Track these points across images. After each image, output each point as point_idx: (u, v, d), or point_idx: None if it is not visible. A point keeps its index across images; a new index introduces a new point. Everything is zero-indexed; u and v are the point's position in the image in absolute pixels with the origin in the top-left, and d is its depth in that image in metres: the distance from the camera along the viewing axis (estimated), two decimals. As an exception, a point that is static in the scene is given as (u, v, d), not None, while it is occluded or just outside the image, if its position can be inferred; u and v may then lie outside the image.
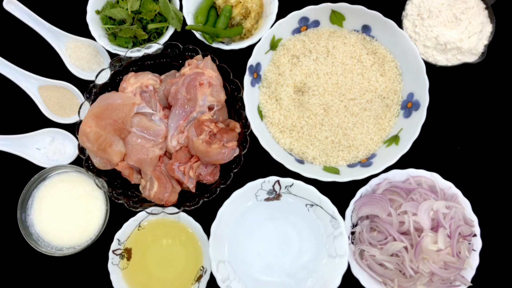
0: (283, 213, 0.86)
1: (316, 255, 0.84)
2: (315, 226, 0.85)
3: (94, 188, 0.89)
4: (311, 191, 0.82)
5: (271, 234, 0.85)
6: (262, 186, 0.83)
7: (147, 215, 0.86)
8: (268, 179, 0.82)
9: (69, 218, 0.88)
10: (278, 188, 0.84)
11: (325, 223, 0.83)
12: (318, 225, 0.84)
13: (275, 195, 0.85)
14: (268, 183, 0.83)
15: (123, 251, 0.86)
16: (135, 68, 0.88)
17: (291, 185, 0.83)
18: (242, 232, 0.84)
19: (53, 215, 0.89)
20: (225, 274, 0.81)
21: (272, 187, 0.84)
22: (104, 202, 0.88)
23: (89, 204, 0.89)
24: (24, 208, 0.88)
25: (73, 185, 0.90)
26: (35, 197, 0.90)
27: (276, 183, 0.83)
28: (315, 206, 0.84)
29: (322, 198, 0.82)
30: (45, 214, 0.89)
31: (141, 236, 0.88)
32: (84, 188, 0.89)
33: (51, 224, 0.88)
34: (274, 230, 0.85)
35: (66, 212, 0.89)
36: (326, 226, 0.83)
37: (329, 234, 0.83)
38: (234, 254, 0.83)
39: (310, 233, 0.84)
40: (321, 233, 0.84)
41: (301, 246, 0.84)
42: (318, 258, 0.83)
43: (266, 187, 0.84)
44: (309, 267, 0.83)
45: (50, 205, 0.89)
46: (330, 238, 0.83)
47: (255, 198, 0.85)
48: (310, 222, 0.85)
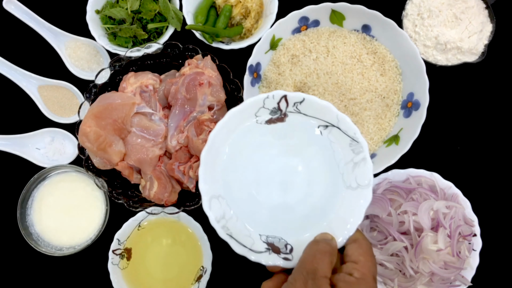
0: (289, 138, 0.68)
1: (330, 188, 0.66)
2: (329, 153, 0.67)
3: (94, 188, 0.89)
4: (326, 108, 0.65)
5: (274, 164, 0.68)
6: (264, 103, 0.66)
7: (147, 215, 0.86)
8: (272, 94, 0.65)
9: (69, 218, 0.88)
10: (285, 106, 0.67)
11: (343, 148, 0.66)
12: (333, 151, 0.67)
13: (279, 115, 0.67)
14: (272, 100, 0.66)
15: (123, 251, 0.86)
16: (135, 67, 0.88)
17: (302, 101, 0.66)
18: (239, 162, 0.67)
19: (53, 215, 0.89)
20: (219, 212, 0.64)
21: (277, 105, 0.66)
22: (104, 202, 0.88)
23: (89, 204, 0.89)
24: (23, 208, 0.88)
25: (73, 185, 0.90)
26: (34, 197, 0.90)
27: (282, 99, 0.66)
28: (330, 127, 0.67)
29: (340, 116, 0.65)
30: (45, 214, 0.89)
31: (141, 236, 0.88)
32: (84, 188, 0.89)
33: (51, 224, 0.88)
34: (277, 160, 0.68)
35: (66, 212, 0.89)
36: (344, 152, 0.66)
37: (347, 161, 0.66)
38: (229, 188, 0.66)
39: (322, 161, 0.67)
40: (337, 161, 0.66)
41: (310, 178, 0.67)
42: (334, 191, 0.66)
43: (270, 105, 0.66)
44: (322, 202, 0.66)
45: (50, 205, 0.89)
46: (349, 166, 0.66)
47: (255, 120, 0.67)
48: (323, 147, 0.67)
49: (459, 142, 0.94)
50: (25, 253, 0.90)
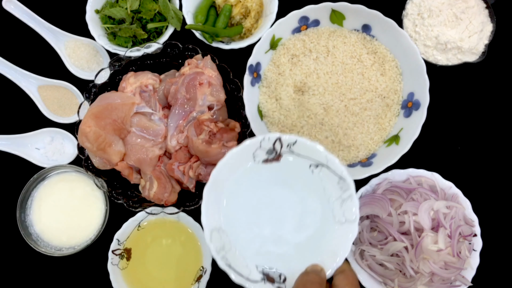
0: (284, 176, 0.74)
1: (321, 222, 0.73)
2: (320, 190, 0.73)
3: (93, 188, 0.89)
4: (316, 149, 0.71)
5: (270, 200, 0.74)
6: (261, 145, 0.72)
7: (147, 215, 0.86)
8: (268, 136, 0.71)
9: (69, 218, 0.88)
10: (279, 147, 0.72)
11: (332, 185, 0.72)
12: (323, 188, 0.73)
13: (275, 155, 0.73)
14: (268, 141, 0.71)
15: (123, 251, 0.86)
16: (134, 67, 0.88)
17: (294, 143, 0.71)
18: (238, 198, 0.73)
19: (52, 215, 0.89)
20: (219, 243, 0.69)
21: (272, 146, 0.72)
22: (104, 202, 0.88)
23: (89, 204, 0.89)
24: (23, 208, 0.88)
25: (73, 185, 0.90)
26: (34, 197, 0.89)
27: (277, 141, 0.72)
28: (320, 166, 0.72)
29: (329, 157, 0.71)
30: (45, 214, 0.89)
31: (141, 236, 0.88)
32: (84, 188, 0.89)
33: (50, 224, 0.88)
34: (274, 195, 0.74)
35: (66, 212, 0.88)
36: (333, 189, 0.72)
37: (336, 198, 0.72)
38: (229, 221, 0.72)
39: (314, 197, 0.74)
40: (328, 197, 0.73)
41: (303, 213, 0.73)
42: (325, 225, 0.72)
43: (266, 146, 0.72)
44: (314, 235, 0.72)
45: (49, 205, 0.89)
46: (337, 202, 0.72)
47: (252, 159, 0.73)
48: (314, 185, 0.74)
49: (459, 142, 0.94)
50: (25, 253, 0.90)
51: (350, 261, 0.81)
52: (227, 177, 0.73)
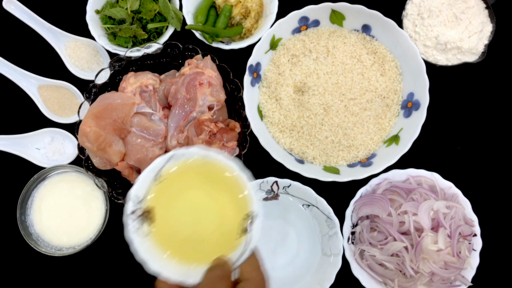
0: (281, 212, 0.87)
1: (311, 253, 0.86)
2: (311, 225, 0.87)
3: (94, 188, 0.89)
4: (307, 192, 0.84)
5: (269, 232, 0.86)
6: (260, 186, 0.85)
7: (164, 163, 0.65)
8: (266, 180, 0.83)
9: (69, 218, 0.88)
10: (276, 189, 0.86)
11: (321, 223, 0.85)
12: (314, 224, 0.87)
13: (273, 195, 0.87)
14: (266, 184, 0.84)
15: (143, 213, 0.64)
16: (134, 67, 0.88)
17: (289, 186, 0.84)
18: None
19: (52, 215, 0.89)
20: None
21: (270, 188, 0.85)
22: (104, 202, 0.88)
23: (89, 204, 0.89)
24: (23, 208, 0.88)
25: (73, 185, 0.90)
26: (34, 197, 0.90)
27: (274, 184, 0.85)
28: (311, 206, 0.86)
29: (318, 199, 0.83)
30: (45, 214, 0.89)
31: (163, 190, 0.66)
32: (84, 188, 0.89)
33: (50, 224, 0.88)
34: (272, 229, 0.87)
35: (66, 212, 0.88)
36: (322, 226, 0.85)
37: (324, 234, 0.85)
38: None
39: (306, 231, 0.87)
40: (317, 232, 0.86)
41: (298, 244, 0.86)
42: (314, 256, 0.86)
43: (265, 187, 0.85)
44: (305, 265, 0.85)
45: (49, 205, 0.89)
46: (325, 237, 0.85)
47: None
48: (306, 221, 0.87)
49: (459, 142, 0.94)
50: (25, 253, 0.90)
51: (350, 261, 0.82)
52: None
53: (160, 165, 0.65)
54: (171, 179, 0.67)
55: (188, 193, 0.68)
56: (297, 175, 0.82)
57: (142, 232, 0.63)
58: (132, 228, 0.62)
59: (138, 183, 0.64)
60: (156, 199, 0.66)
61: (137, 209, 0.64)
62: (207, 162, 0.65)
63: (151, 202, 0.65)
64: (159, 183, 0.66)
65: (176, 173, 0.67)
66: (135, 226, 0.63)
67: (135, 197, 0.64)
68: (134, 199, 0.64)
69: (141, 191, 0.64)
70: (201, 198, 0.68)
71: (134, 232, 0.62)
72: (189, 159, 0.66)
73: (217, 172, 0.65)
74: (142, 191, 0.65)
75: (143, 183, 0.65)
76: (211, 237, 0.66)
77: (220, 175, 0.65)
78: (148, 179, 0.65)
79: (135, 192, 0.63)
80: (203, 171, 0.67)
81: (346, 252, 0.82)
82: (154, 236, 0.64)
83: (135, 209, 0.64)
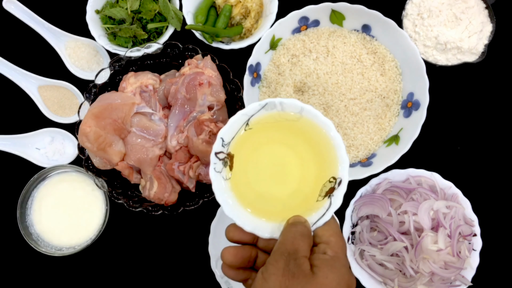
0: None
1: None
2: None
3: (94, 188, 0.89)
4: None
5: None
6: None
7: (259, 109, 0.62)
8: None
9: (69, 218, 0.88)
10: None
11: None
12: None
13: None
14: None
15: (226, 157, 0.63)
16: (134, 67, 0.88)
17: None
18: None
19: (52, 215, 0.89)
20: None
21: None
22: (104, 202, 0.88)
23: (89, 204, 0.89)
24: (23, 208, 0.88)
25: (73, 185, 0.90)
26: (34, 197, 0.90)
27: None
28: None
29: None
30: (45, 214, 0.89)
31: (248, 139, 0.64)
32: (84, 188, 0.89)
33: (50, 224, 0.88)
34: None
35: (66, 212, 0.89)
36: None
37: None
38: None
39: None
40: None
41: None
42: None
43: None
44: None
45: (49, 205, 0.89)
46: None
47: None
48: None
49: (459, 142, 0.94)
50: (25, 253, 0.90)
51: (350, 261, 0.81)
52: None
53: (252, 111, 0.62)
54: (258, 129, 0.64)
55: (272, 146, 0.64)
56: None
57: (223, 175, 0.62)
58: (215, 168, 0.61)
59: (228, 125, 0.61)
60: (239, 147, 0.63)
61: (221, 151, 0.62)
62: (301, 116, 0.62)
63: (233, 149, 0.63)
64: (246, 130, 0.63)
65: (266, 123, 0.63)
66: (218, 167, 0.61)
67: (220, 140, 0.62)
68: (219, 141, 0.62)
69: (228, 134, 0.62)
70: (285, 154, 0.64)
71: (216, 173, 0.61)
72: (283, 109, 0.62)
73: (309, 129, 0.62)
74: (229, 135, 0.62)
75: (232, 127, 0.62)
76: (289, 196, 0.62)
77: (311, 132, 0.61)
78: (237, 123, 0.62)
79: (222, 134, 0.61)
80: (295, 126, 0.63)
81: (346, 252, 0.82)
82: (231, 184, 0.62)
83: (219, 151, 0.62)
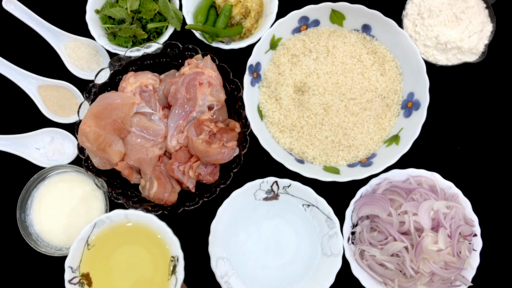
0: (281, 212, 0.87)
1: (312, 253, 0.86)
2: (311, 225, 0.87)
3: (93, 188, 0.89)
4: (308, 192, 0.84)
5: (269, 232, 0.86)
6: (260, 186, 0.85)
7: (91, 230, 0.77)
8: (266, 180, 0.84)
9: (69, 218, 0.88)
10: (276, 189, 0.86)
11: (321, 223, 0.85)
12: (314, 224, 0.86)
13: (273, 195, 0.87)
14: (266, 184, 0.84)
15: (81, 278, 0.76)
16: (134, 67, 0.88)
17: (289, 186, 0.85)
18: (241, 230, 0.86)
19: (52, 215, 0.88)
20: (223, 270, 0.83)
21: (270, 187, 0.85)
22: (104, 202, 0.88)
23: (89, 204, 0.88)
24: (23, 208, 0.88)
25: (73, 185, 0.90)
26: (34, 197, 0.89)
27: (274, 184, 0.85)
28: (311, 206, 0.86)
29: (318, 199, 0.84)
30: (45, 214, 0.88)
31: (94, 256, 0.78)
32: (84, 188, 0.89)
33: (50, 224, 0.88)
34: (272, 229, 0.87)
35: (66, 212, 0.88)
36: (322, 226, 0.85)
37: (324, 234, 0.85)
38: (232, 251, 0.85)
39: (306, 232, 0.87)
40: (317, 232, 0.86)
41: (298, 244, 0.86)
42: (314, 256, 0.85)
43: (265, 187, 0.85)
44: (305, 264, 0.85)
45: (49, 205, 0.89)
46: (325, 237, 0.85)
47: (253, 198, 0.86)
48: (306, 221, 0.87)
49: (459, 142, 0.94)
50: (25, 253, 0.90)
51: (350, 261, 0.82)
52: (231, 212, 0.85)
53: (87, 233, 0.76)
54: (100, 244, 0.78)
55: (120, 251, 0.79)
56: (297, 175, 0.82)
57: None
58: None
59: (70, 254, 0.75)
60: (90, 264, 0.77)
61: (73, 277, 0.76)
62: (129, 220, 0.78)
63: (85, 268, 0.77)
64: (89, 249, 0.77)
65: (104, 236, 0.78)
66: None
67: (69, 268, 0.75)
68: (69, 270, 0.75)
69: (75, 260, 0.76)
70: (133, 252, 0.79)
71: None
72: (112, 222, 0.77)
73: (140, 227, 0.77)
74: (76, 261, 0.76)
75: (75, 253, 0.76)
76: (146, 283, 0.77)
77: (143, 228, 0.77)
78: (79, 248, 0.76)
79: (68, 263, 0.75)
80: (130, 228, 0.78)
81: (346, 252, 0.82)
82: None
83: (71, 278, 0.75)
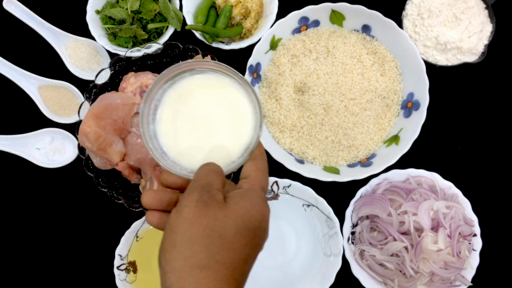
0: (282, 212, 0.87)
1: (312, 253, 0.86)
2: (311, 225, 0.87)
3: None
4: (308, 192, 0.84)
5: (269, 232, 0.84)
6: None
7: (141, 225, 0.84)
8: None
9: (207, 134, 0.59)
10: (276, 189, 0.86)
11: (321, 223, 0.85)
12: (314, 224, 0.86)
13: (273, 195, 0.87)
14: None
15: (128, 265, 0.85)
16: (135, 68, 0.88)
17: (289, 186, 0.85)
18: None
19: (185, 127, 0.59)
20: None
21: (270, 188, 0.85)
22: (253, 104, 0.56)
23: None
24: None
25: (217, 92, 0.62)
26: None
27: (274, 184, 0.85)
28: (311, 206, 0.86)
29: (318, 199, 0.83)
30: None
31: (141, 247, 0.86)
32: None
33: None
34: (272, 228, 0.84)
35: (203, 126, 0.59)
36: (322, 226, 0.85)
37: (324, 234, 0.85)
38: None
39: (306, 232, 0.87)
40: (317, 232, 0.86)
41: (298, 244, 0.86)
42: (314, 256, 0.86)
43: None
44: (305, 265, 0.85)
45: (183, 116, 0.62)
46: (325, 237, 0.85)
47: None
48: (307, 221, 0.87)
49: (459, 142, 0.94)
50: (25, 254, 0.90)
51: (350, 261, 0.82)
52: None
53: (137, 227, 0.84)
54: (147, 237, 0.84)
55: None
56: (297, 175, 0.82)
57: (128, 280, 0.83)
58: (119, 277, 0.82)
59: (121, 243, 0.83)
60: (137, 253, 0.84)
61: (121, 264, 0.83)
62: None
63: (132, 257, 0.84)
64: (137, 241, 0.84)
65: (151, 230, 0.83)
66: (122, 276, 0.82)
67: (118, 256, 0.82)
68: (118, 257, 0.82)
69: (124, 249, 0.83)
70: None
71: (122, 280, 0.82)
72: None
73: None
74: (125, 250, 0.84)
75: (125, 243, 0.83)
76: None
77: None
78: (129, 239, 0.84)
79: (119, 251, 0.82)
80: None
81: (346, 252, 0.82)
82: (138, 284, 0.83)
83: (120, 264, 0.83)
